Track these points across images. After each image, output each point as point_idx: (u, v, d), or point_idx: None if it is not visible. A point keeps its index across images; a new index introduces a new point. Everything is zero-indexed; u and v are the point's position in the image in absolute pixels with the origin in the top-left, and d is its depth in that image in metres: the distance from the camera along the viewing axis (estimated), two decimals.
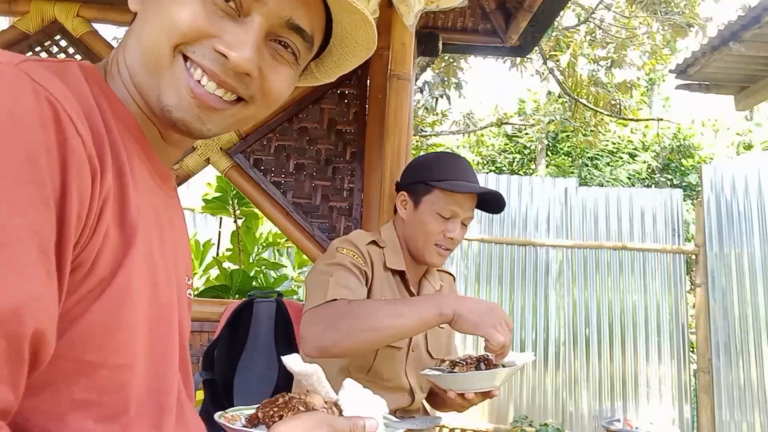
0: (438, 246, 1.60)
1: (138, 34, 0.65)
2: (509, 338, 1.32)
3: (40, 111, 0.49)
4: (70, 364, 0.54)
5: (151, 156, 0.69)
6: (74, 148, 0.51)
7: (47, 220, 0.49)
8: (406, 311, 1.35)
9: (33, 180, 0.47)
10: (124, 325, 0.59)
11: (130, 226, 0.60)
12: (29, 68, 0.51)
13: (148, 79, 0.65)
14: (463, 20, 2.83)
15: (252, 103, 0.69)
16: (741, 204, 4.93)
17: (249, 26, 0.64)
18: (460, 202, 1.58)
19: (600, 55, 7.75)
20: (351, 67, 0.82)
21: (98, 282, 0.56)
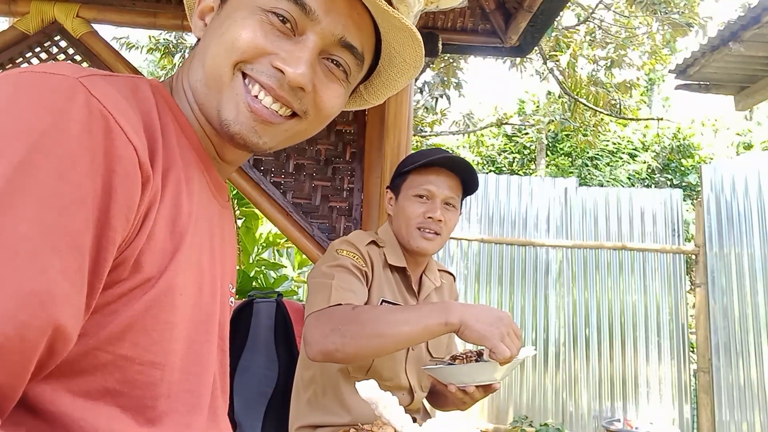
0: (422, 229, 1.58)
1: (201, 56, 0.70)
2: (517, 349, 1.30)
3: (89, 120, 0.53)
4: (107, 356, 0.57)
5: (209, 168, 0.74)
6: (122, 155, 0.55)
7: (81, 218, 0.51)
8: (411, 319, 1.33)
9: (70, 180, 0.51)
10: (163, 324, 0.62)
11: (180, 232, 0.64)
12: (90, 82, 0.56)
13: (209, 96, 0.69)
14: (462, 20, 2.83)
15: (305, 118, 0.73)
16: (741, 204, 4.93)
17: (304, 44, 0.69)
18: (432, 181, 1.58)
19: (600, 55, 7.75)
20: (399, 87, 0.85)
21: (144, 281, 0.59)
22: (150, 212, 0.59)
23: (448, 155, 1.62)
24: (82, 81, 0.55)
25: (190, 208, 0.66)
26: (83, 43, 2.47)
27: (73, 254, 0.51)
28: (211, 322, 0.72)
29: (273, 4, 0.68)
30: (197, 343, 0.69)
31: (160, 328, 0.61)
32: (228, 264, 0.80)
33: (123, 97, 0.59)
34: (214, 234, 0.74)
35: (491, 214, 5.55)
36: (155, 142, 0.62)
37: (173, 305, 0.62)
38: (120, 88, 0.61)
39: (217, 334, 0.74)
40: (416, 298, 1.68)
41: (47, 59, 2.47)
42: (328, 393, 1.56)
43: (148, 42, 9.07)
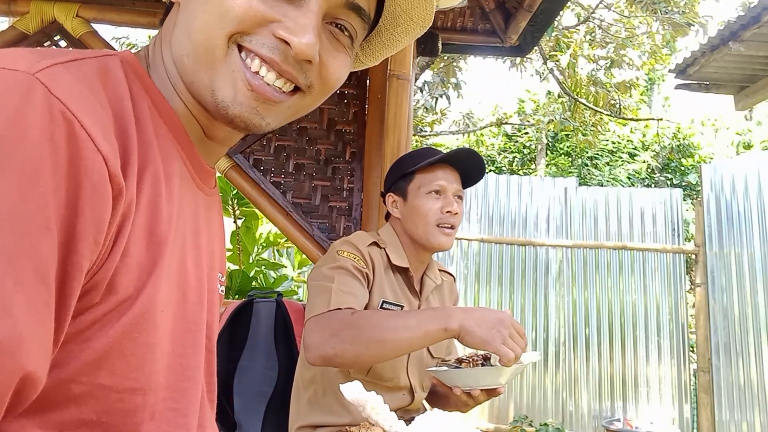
0: (440, 225, 1.60)
1: (186, 24, 0.60)
2: (523, 347, 1.29)
3: (51, 127, 0.45)
4: (82, 387, 0.52)
5: (192, 155, 0.66)
6: (90, 168, 0.47)
7: (47, 244, 0.44)
8: (411, 325, 1.33)
9: (31, 201, 0.43)
10: (143, 347, 0.55)
11: (159, 241, 0.56)
12: (49, 76, 0.47)
13: (199, 73, 0.60)
14: (462, 20, 2.83)
15: (309, 92, 0.64)
16: (741, 203, 4.93)
17: (307, 8, 0.59)
18: (442, 176, 1.62)
19: (600, 54, 7.75)
20: (400, 47, 0.76)
21: (119, 302, 0.53)
22: (123, 227, 0.52)
23: (452, 151, 1.66)
24: (40, 77, 0.46)
25: (171, 210, 0.59)
26: (83, 43, 2.47)
27: (38, 288, 0.44)
28: (198, 330, 0.66)
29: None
30: (183, 357, 0.63)
31: (141, 352, 0.55)
32: (217, 254, 0.74)
33: (89, 88, 0.51)
34: (200, 230, 0.67)
35: (491, 213, 5.55)
36: (128, 141, 0.53)
37: (154, 324, 0.56)
38: (86, 76, 0.52)
39: (203, 340, 0.68)
40: (418, 297, 1.68)
41: None
42: (329, 393, 1.56)
43: (147, 41, 9.06)
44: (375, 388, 1.55)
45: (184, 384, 0.64)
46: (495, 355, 1.30)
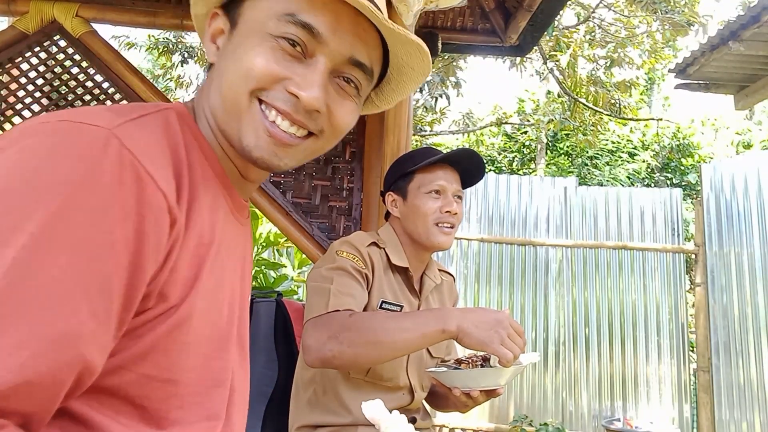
0: (439, 225, 1.61)
1: (218, 83, 0.73)
2: (522, 347, 1.29)
3: (121, 171, 0.57)
4: (131, 374, 0.63)
5: (231, 191, 0.78)
6: (151, 202, 0.59)
7: (111, 263, 0.56)
8: (409, 327, 1.33)
9: (101, 228, 0.55)
10: (181, 345, 0.67)
11: (200, 261, 0.69)
12: (123, 131, 0.60)
13: (229, 123, 0.73)
14: (462, 20, 2.83)
15: (321, 136, 0.76)
16: (741, 203, 4.93)
17: (315, 67, 0.71)
18: (441, 176, 1.63)
19: (599, 54, 7.75)
20: (409, 92, 0.88)
21: (167, 309, 0.64)
22: (174, 248, 0.64)
23: (453, 151, 1.66)
24: (116, 132, 0.59)
25: (212, 236, 0.71)
26: (83, 42, 2.47)
27: (101, 296, 0.56)
28: (228, 339, 0.77)
29: (282, 30, 0.70)
30: (213, 360, 0.74)
31: (178, 349, 0.67)
32: (247, 278, 0.86)
33: (154, 140, 0.64)
34: (234, 254, 0.79)
35: (491, 213, 5.55)
36: (182, 180, 0.66)
37: (191, 328, 0.68)
38: (151, 130, 0.65)
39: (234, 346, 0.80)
40: (418, 297, 1.68)
41: (47, 59, 2.47)
42: (329, 393, 1.56)
43: (147, 40, 9.07)
44: (374, 388, 1.56)
45: (211, 383, 0.74)
46: (494, 356, 1.31)
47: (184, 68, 9.28)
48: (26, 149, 0.56)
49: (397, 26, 0.73)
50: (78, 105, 2.49)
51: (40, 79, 2.47)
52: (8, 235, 0.52)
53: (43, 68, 2.48)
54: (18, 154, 0.56)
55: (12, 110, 2.45)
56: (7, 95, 2.44)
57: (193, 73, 13.17)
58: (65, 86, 2.51)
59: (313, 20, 0.70)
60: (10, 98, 2.45)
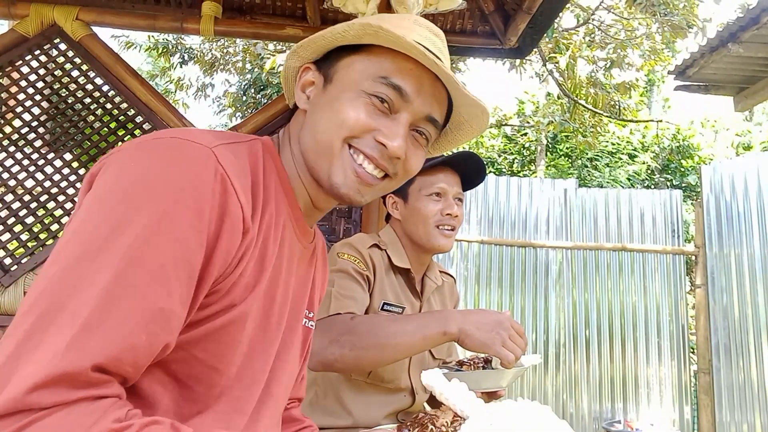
0: (440, 227, 1.61)
1: (312, 128, 0.86)
2: (523, 348, 1.29)
3: (214, 183, 0.70)
4: (184, 354, 0.73)
5: (297, 216, 0.90)
6: (232, 211, 0.71)
7: (198, 258, 0.68)
8: (410, 329, 1.34)
9: (196, 228, 0.68)
10: (231, 340, 0.77)
11: (261, 270, 0.79)
12: (219, 151, 0.73)
13: (319, 162, 0.85)
14: (461, 22, 2.83)
15: (395, 178, 0.89)
16: (740, 204, 4.93)
17: (399, 121, 0.85)
18: (442, 179, 1.63)
19: (599, 56, 7.75)
20: (461, 144, 1.01)
21: (227, 305, 0.75)
22: (245, 255, 0.75)
23: (454, 154, 1.65)
24: (214, 151, 0.72)
25: (275, 250, 0.82)
26: (83, 45, 2.47)
27: (189, 284, 0.68)
28: (271, 344, 0.87)
29: (375, 89, 0.83)
30: (254, 360, 0.83)
31: (227, 342, 0.76)
32: (303, 295, 0.96)
33: (240, 163, 0.76)
34: (293, 271, 0.90)
35: (491, 215, 5.55)
36: (257, 198, 0.78)
37: (243, 326, 0.78)
38: (240, 154, 0.78)
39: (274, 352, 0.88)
40: (419, 298, 1.68)
41: (47, 62, 2.47)
42: (329, 395, 1.56)
43: (146, 41, 9.07)
44: (376, 390, 1.56)
45: (249, 380, 0.83)
46: (496, 357, 1.31)
47: (183, 69, 9.29)
48: (143, 158, 0.70)
49: (467, 91, 0.87)
50: (78, 108, 2.49)
51: (40, 82, 2.47)
52: (124, 227, 0.64)
53: (44, 71, 2.48)
54: (138, 163, 0.69)
55: (12, 113, 2.45)
56: (7, 98, 2.44)
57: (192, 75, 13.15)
58: (65, 89, 2.51)
59: (403, 83, 0.83)
60: (10, 101, 2.45)
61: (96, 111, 2.51)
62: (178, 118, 2.49)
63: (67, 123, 2.47)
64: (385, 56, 0.84)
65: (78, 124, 2.48)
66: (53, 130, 2.48)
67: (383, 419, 1.56)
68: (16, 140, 2.41)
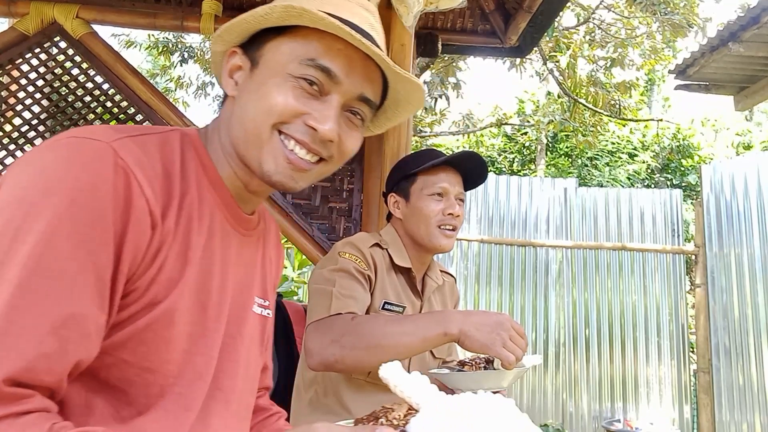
0: (442, 227, 1.61)
1: (240, 116, 0.83)
2: (524, 348, 1.29)
3: (114, 178, 0.68)
4: (111, 359, 0.71)
5: (229, 205, 0.87)
6: (137, 206, 0.69)
7: (105, 257, 0.67)
8: (410, 330, 1.34)
9: (99, 226, 0.66)
10: (159, 339, 0.74)
11: (185, 263, 0.77)
12: (120, 145, 0.71)
13: (250, 150, 0.82)
14: (462, 21, 2.83)
15: (330, 161, 0.86)
16: (741, 204, 4.93)
17: (329, 103, 0.81)
18: (444, 178, 1.63)
19: (599, 55, 7.75)
20: (401, 120, 1.00)
21: (148, 303, 0.72)
22: (161, 250, 0.73)
23: (456, 153, 1.66)
24: (113, 145, 0.70)
25: (199, 241, 0.79)
26: (83, 44, 2.47)
27: (99, 285, 0.66)
28: (213, 337, 0.84)
29: (302, 72, 0.80)
30: (195, 355, 0.80)
31: (157, 341, 0.74)
32: (249, 283, 0.93)
33: (147, 155, 0.74)
34: (228, 261, 0.86)
35: (491, 214, 5.55)
36: (172, 189, 0.76)
37: (171, 323, 0.75)
38: (147, 146, 0.75)
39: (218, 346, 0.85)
40: (420, 298, 1.68)
41: (47, 60, 2.47)
42: (329, 394, 1.56)
43: (147, 40, 9.07)
44: (376, 389, 1.56)
45: (192, 376, 0.80)
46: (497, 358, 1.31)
47: (183, 68, 9.29)
48: (41, 162, 0.68)
49: (400, 69, 0.84)
50: (78, 106, 2.49)
51: (40, 81, 2.47)
52: (24, 235, 0.63)
53: (44, 69, 2.48)
54: (35, 166, 0.68)
55: (12, 111, 2.45)
56: (7, 96, 2.44)
57: (192, 74, 13.16)
58: (65, 87, 2.51)
59: (331, 64, 0.80)
60: (10, 99, 2.45)
61: (96, 109, 2.51)
62: (178, 116, 2.49)
63: (68, 121, 2.47)
64: (311, 37, 0.80)
65: (78, 123, 2.47)
66: (53, 129, 2.48)
67: None
68: (16, 138, 2.41)
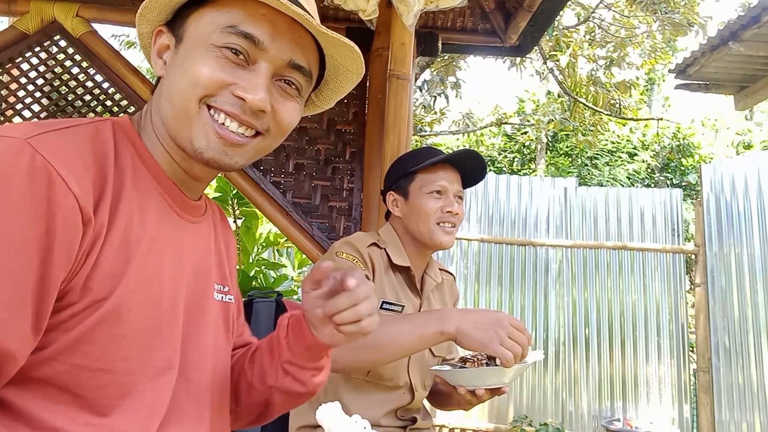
0: (441, 224, 1.61)
1: (168, 94, 0.79)
2: (525, 344, 1.29)
3: (32, 174, 0.63)
4: (61, 365, 0.68)
5: (172, 192, 0.83)
6: (61, 203, 0.64)
7: (23, 258, 0.62)
8: (407, 329, 1.34)
9: (12, 227, 0.61)
10: (110, 337, 0.71)
11: (128, 257, 0.73)
12: (38, 140, 0.65)
13: (179, 129, 0.78)
14: (462, 20, 2.83)
15: (267, 135, 0.82)
16: (741, 203, 4.93)
17: (257, 72, 0.78)
18: (443, 176, 1.63)
19: (599, 54, 7.75)
20: (346, 91, 0.94)
21: (93, 302, 0.69)
22: (95, 245, 0.69)
23: (454, 152, 1.66)
24: (30, 141, 0.64)
25: (142, 233, 0.75)
26: (83, 42, 2.47)
27: (14, 288, 0.61)
28: (171, 330, 0.80)
29: (225, 40, 0.76)
30: (153, 350, 0.77)
31: (109, 340, 0.70)
32: (206, 270, 0.89)
33: (74, 148, 0.69)
34: (181, 250, 0.83)
35: (491, 213, 5.55)
36: (105, 183, 0.71)
37: (120, 320, 0.71)
38: (73, 139, 0.70)
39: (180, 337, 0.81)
40: (419, 296, 1.68)
41: (47, 59, 2.47)
42: (329, 393, 1.56)
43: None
44: (375, 388, 1.56)
45: (152, 372, 0.77)
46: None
47: None
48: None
49: (329, 30, 0.79)
50: (78, 105, 2.49)
51: (40, 79, 2.47)
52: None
53: (44, 68, 2.48)
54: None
55: (12, 110, 2.45)
56: (7, 95, 2.44)
57: None
58: (65, 86, 2.51)
59: (254, 30, 0.77)
60: (10, 98, 2.45)
61: (96, 108, 2.51)
62: None
63: None
64: (232, 4, 0.77)
65: None
66: None
67: (383, 417, 1.56)
68: None
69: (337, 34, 0.80)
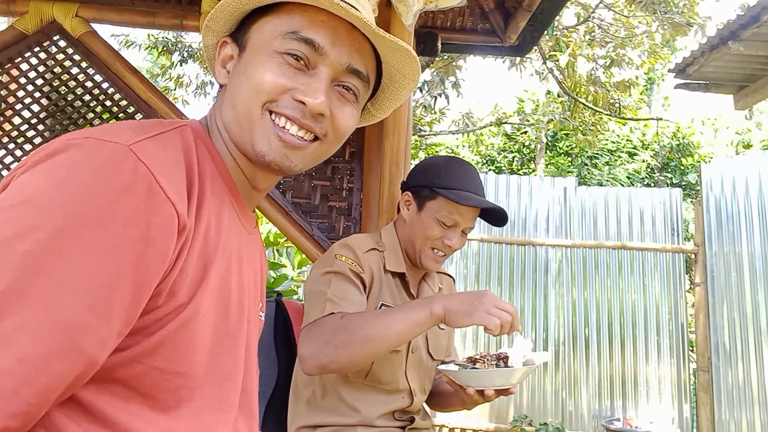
0: (435, 250, 1.61)
1: (231, 100, 0.81)
2: (508, 316, 1.30)
3: (133, 182, 0.64)
4: (142, 367, 0.69)
5: (238, 201, 0.86)
6: (160, 209, 0.66)
7: (116, 262, 0.62)
8: (398, 318, 1.35)
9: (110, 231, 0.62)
10: (188, 341, 0.72)
11: (207, 263, 0.74)
12: (140, 147, 0.67)
13: (243, 134, 0.81)
14: (462, 20, 2.83)
15: (325, 139, 0.84)
16: (740, 203, 4.93)
17: (318, 76, 0.80)
18: (462, 213, 1.58)
19: (599, 54, 7.75)
20: (402, 100, 0.97)
21: (176, 307, 0.70)
22: (183, 251, 0.70)
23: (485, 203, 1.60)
24: (133, 148, 0.66)
25: (218, 239, 0.77)
26: (82, 42, 2.47)
27: (103, 293, 0.61)
28: (237, 337, 0.82)
29: (287, 47, 0.79)
30: (220, 355, 0.79)
31: (186, 344, 0.72)
32: (254, 284, 0.90)
33: (169, 155, 0.71)
34: (242, 259, 0.84)
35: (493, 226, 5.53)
36: (192, 190, 0.73)
37: (197, 325, 0.73)
38: (168, 145, 0.73)
39: (243, 347, 0.84)
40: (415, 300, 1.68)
41: (46, 59, 2.47)
42: (327, 393, 1.56)
43: (146, 40, 9.06)
44: (374, 391, 1.56)
45: (220, 377, 0.79)
46: (510, 355, 1.34)
47: (183, 68, 9.27)
48: (56, 162, 0.64)
49: (387, 34, 0.81)
50: (77, 105, 2.49)
51: (39, 80, 2.47)
52: (28, 232, 0.59)
53: (43, 68, 2.47)
54: (49, 167, 0.64)
55: (11, 110, 2.45)
56: (6, 95, 2.44)
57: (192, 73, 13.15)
58: (65, 86, 2.51)
59: (315, 35, 0.79)
60: (9, 98, 2.45)
61: (95, 108, 2.51)
62: (178, 115, 2.48)
63: (67, 120, 2.47)
64: (294, 11, 0.80)
65: (77, 122, 2.47)
66: (53, 128, 2.48)
67: (380, 417, 1.56)
68: (15, 137, 2.41)
69: (394, 37, 0.82)
